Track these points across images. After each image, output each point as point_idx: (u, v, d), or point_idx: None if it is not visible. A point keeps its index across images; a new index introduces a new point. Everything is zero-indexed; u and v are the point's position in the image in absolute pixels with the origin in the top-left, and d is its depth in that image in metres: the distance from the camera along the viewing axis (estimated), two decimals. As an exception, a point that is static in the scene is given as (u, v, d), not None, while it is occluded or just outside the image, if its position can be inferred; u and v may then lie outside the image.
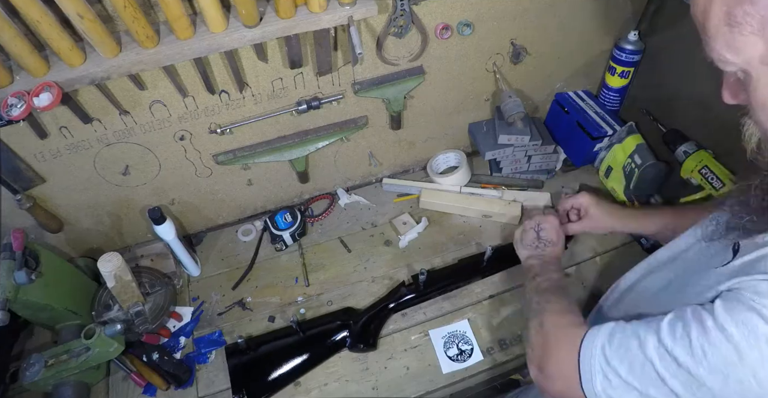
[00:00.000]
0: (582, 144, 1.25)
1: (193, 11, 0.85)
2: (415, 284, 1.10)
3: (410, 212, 1.29)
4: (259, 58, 0.94)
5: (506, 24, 1.09)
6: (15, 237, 0.92)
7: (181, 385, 1.01)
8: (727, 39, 0.49)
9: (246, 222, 1.32)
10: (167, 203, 1.17)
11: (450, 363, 1.02)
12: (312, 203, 1.34)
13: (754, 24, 0.46)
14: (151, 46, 0.81)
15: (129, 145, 1.01)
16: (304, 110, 1.07)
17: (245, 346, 1.02)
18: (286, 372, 1.01)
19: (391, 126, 1.22)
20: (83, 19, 0.73)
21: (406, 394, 0.99)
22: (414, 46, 1.05)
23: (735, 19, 0.47)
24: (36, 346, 1.10)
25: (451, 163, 1.38)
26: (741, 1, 0.46)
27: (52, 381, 0.94)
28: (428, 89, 1.16)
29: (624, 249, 1.17)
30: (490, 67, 1.18)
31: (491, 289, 1.13)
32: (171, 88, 0.94)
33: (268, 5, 0.86)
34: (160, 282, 1.09)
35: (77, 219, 1.12)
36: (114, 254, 0.96)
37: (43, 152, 0.95)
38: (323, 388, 1.01)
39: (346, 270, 1.19)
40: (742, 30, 0.47)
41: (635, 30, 1.15)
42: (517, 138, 1.23)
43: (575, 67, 1.28)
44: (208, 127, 1.04)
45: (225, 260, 1.24)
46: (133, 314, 1.03)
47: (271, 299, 1.15)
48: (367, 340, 1.04)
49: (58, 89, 0.78)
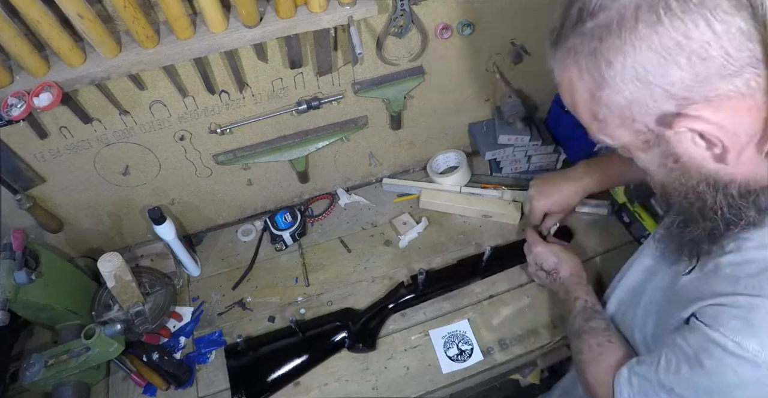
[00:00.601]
0: (582, 144, 1.25)
1: (193, 11, 0.85)
2: (414, 285, 1.10)
3: (410, 212, 1.29)
4: (259, 58, 0.94)
5: (506, 24, 1.09)
6: (15, 237, 0.92)
7: (181, 385, 1.01)
8: (599, 129, 0.55)
9: (246, 222, 1.32)
10: (167, 203, 1.17)
11: (450, 363, 1.02)
12: (312, 203, 1.34)
13: (615, 121, 0.52)
14: (151, 46, 0.81)
15: (129, 145, 1.01)
16: (304, 110, 1.07)
17: (244, 346, 1.02)
18: (285, 372, 1.01)
19: (391, 126, 1.22)
20: (83, 19, 0.73)
21: (406, 394, 0.99)
22: (414, 46, 1.05)
23: (599, 117, 0.53)
24: (36, 346, 1.10)
25: (451, 163, 1.38)
26: (598, 104, 0.52)
27: (52, 381, 0.94)
28: (428, 89, 1.16)
29: (624, 249, 1.17)
30: (490, 67, 1.18)
31: (491, 289, 1.13)
32: (171, 88, 0.94)
33: (268, 5, 0.86)
34: (160, 282, 1.09)
35: (77, 219, 1.12)
36: (114, 254, 0.96)
37: (43, 152, 0.95)
38: (323, 388, 1.01)
39: (346, 270, 1.19)
40: (608, 125, 0.53)
41: (635, 30, 1.15)
42: (517, 138, 1.23)
43: (575, 67, 1.27)
44: (208, 127, 1.04)
45: (225, 260, 1.24)
46: (133, 314, 1.03)
47: (271, 299, 1.15)
48: (366, 341, 1.04)
49: (58, 89, 0.78)
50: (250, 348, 1.04)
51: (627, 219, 1.19)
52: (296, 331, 1.03)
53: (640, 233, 1.15)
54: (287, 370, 1.01)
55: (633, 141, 0.53)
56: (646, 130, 0.51)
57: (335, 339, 1.05)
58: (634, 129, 0.52)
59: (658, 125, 0.50)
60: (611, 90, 0.49)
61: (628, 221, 1.19)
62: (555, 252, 1.02)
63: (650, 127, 0.50)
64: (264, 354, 1.04)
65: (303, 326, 1.06)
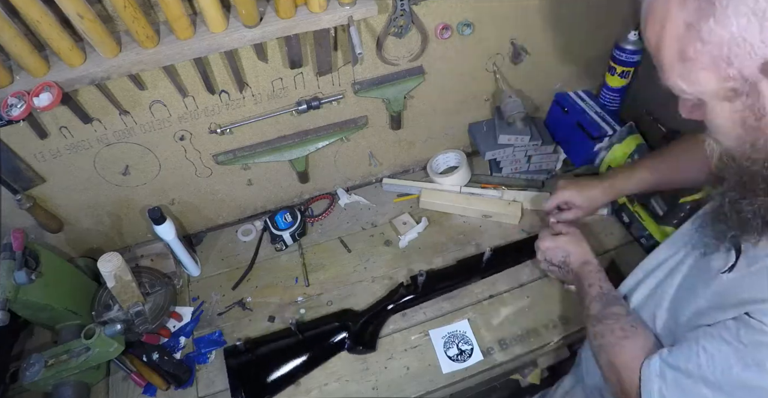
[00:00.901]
0: (582, 144, 1.25)
1: (193, 11, 0.85)
2: (414, 285, 1.10)
3: (410, 212, 1.29)
4: (259, 58, 0.94)
5: (506, 24, 1.09)
6: (15, 237, 0.92)
7: (181, 385, 1.01)
8: (680, 72, 0.50)
9: (246, 222, 1.32)
10: (167, 203, 1.17)
11: (450, 363, 1.02)
12: (312, 203, 1.34)
13: (705, 61, 0.47)
14: (151, 46, 0.81)
15: (129, 145, 1.01)
16: (304, 110, 1.07)
17: (244, 349, 1.02)
18: (284, 373, 1.01)
19: (391, 126, 1.22)
20: (83, 19, 0.73)
21: (406, 394, 0.99)
22: (414, 46, 1.05)
23: (687, 55, 0.48)
24: (36, 346, 1.10)
25: (451, 163, 1.38)
26: (692, 39, 0.47)
27: (52, 381, 0.94)
28: (428, 89, 1.16)
29: (624, 249, 1.17)
30: (490, 67, 1.18)
31: (491, 289, 1.13)
32: (171, 88, 0.94)
33: (268, 5, 0.86)
34: (160, 282, 1.09)
35: (77, 219, 1.12)
36: (114, 254, 0.96)
37: (43, 152, 0.95)
38: (323, 388, 1.01)
39: (346, 270, 1.19)
40: (695, 65, 0.48)
41: (635, 30, 1.15)
42: (517, 138, 1.23)
43: (575, 67, 1.28)
44: (208, 127, 1.04)
45: (225, 260, 1.24)
46: (133, 314, 1.03)
47: (271, 299, 1.15)
48: (366, 342, 1.04)
49: (58, 89, 0.78)
50: (250, 350, 1.03)
51: (627, 219, 1.19)
52: (296, 333, 1.03)
53: (640, 233, 1.15)
54: (287, 371, 1.01)
55: (717, 88, 0.48)
56: (739, 77, 0.46)
57: (335, 340, 1.05)
58: (725, 74, 0.47)
59: (761, 72, 0.45)
60: (716, 21, 0.44)
61: (628, 221, 1.19)
62: (562, 246, 0.99)
63: (745, 74, 0.46)
64: (264, 355, 1.04)
65: (303, 327, 1.06)
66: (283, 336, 1.07)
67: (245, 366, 1.02)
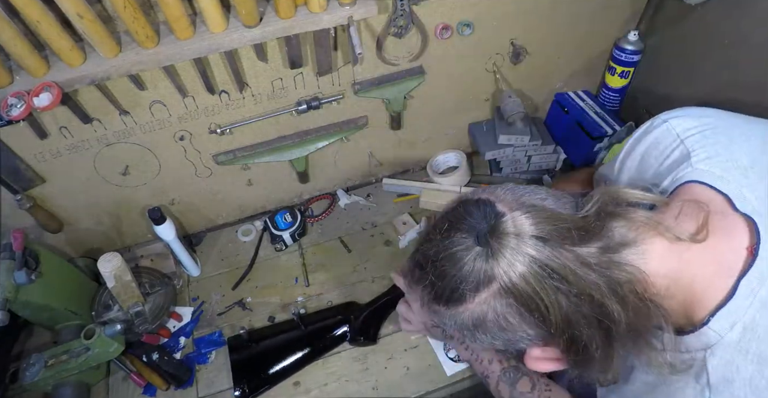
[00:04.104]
0: (582, 144, 1.25)
1: (193, 11, 0.85)
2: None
3: (410, 212, 1.29)
4: (259, 58, 0.94)
5: (506, 24, 1.09)
6: (15, 237, 0.92)
7: (181, 385, 1.01)
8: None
9: (246, 222, 1.32)
10: (167, 203, 1.17)
11: (450, 364, 1.02)
12: (312, 203, 1.34)
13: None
14: (151, 46, 0.81)
15: (129, 145, 1.01)
16: (304, 110, 1.07)
17: (247, 338, 1.03)
18: (286, 365, 1.02)
19: (391, 126, 1.22)
20: (83, 19, 0.73)
21: (406, 394, 0.99)
22: (414, 46, 1.05)
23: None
24: (36, 346, 1.10)
25: (451, 163, 1.38)
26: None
27: (52, 381, 0.94)
28: (428, 89, 1.16)
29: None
30: (490, 67, 1.18)
31: (491, 289, 1.13)
32: (171, 88, 0.94)
33: (268, 5, 0.86)
34: (160, 282, 1.09)
35: (77, 220, 1.12)
36: (114, 254, 0.96)
37: (43, 152, 0.95)
38: (323, 388, 1.01)
39: (346, 270, 1.19)
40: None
41: (635, 30, 1.15)
42: (517, 138, 1.23)
43: (575, 67, 1.28)
44: (208, 127, 1.04)
45: (225, 260, 1.24)
46: (133, 314, 1.03)
47: (271, 299, 1.15)
48: (368, 333, 1.05)
49: (58, 89, 0.78)
50: (253, 340, 1.04)
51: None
52: (298, 325, 1.04)
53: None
54: (289, 363, 1.02)
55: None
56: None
57: (337, 332, 1.05)
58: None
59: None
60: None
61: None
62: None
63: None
64: (266, 345, 1.04)
65: (305, 319, 1.07)
66: (286, 328, 1.07)
67: (248, 356, 1.03)
